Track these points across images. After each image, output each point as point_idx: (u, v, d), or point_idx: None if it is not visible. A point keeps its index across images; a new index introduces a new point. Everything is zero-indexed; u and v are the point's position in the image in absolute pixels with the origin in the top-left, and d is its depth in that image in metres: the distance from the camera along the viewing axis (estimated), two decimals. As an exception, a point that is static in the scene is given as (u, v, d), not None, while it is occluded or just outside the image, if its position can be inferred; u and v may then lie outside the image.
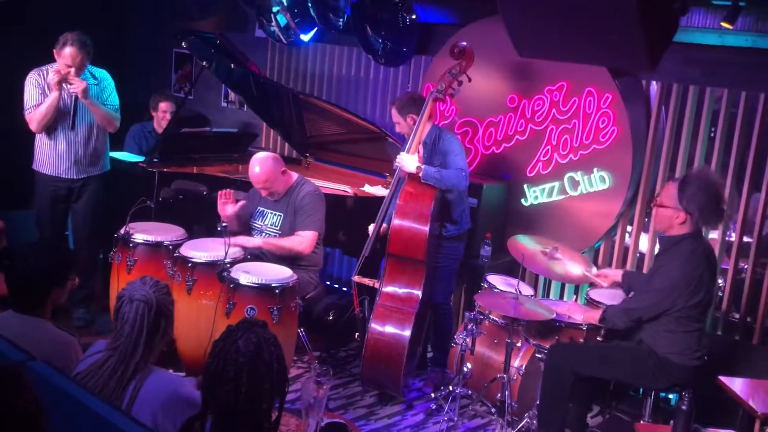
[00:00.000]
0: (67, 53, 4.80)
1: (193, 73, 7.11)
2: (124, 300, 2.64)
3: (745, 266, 4.62)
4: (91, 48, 4.90)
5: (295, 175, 4.74)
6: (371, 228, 4.62)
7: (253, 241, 4.56)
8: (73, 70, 4.81)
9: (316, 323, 5.00)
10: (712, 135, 4.70)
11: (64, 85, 4.83)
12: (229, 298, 4.03)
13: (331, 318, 5.32)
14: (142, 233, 4.46)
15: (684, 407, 3.28)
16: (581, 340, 4.16)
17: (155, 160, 5.24)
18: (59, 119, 4.93)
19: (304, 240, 4.53)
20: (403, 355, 4.29)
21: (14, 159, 5.38)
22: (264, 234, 4.65)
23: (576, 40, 2.87)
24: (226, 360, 2.11)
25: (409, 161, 4.43)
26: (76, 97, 4.89)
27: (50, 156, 4.99)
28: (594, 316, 3.99)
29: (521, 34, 3.05)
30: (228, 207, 4.52)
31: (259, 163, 4.54)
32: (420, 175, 4.39)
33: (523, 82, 5.16)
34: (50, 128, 4.93)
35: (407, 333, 4.30)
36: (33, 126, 4.92)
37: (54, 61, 4.87)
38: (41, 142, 5.02)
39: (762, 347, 4.46)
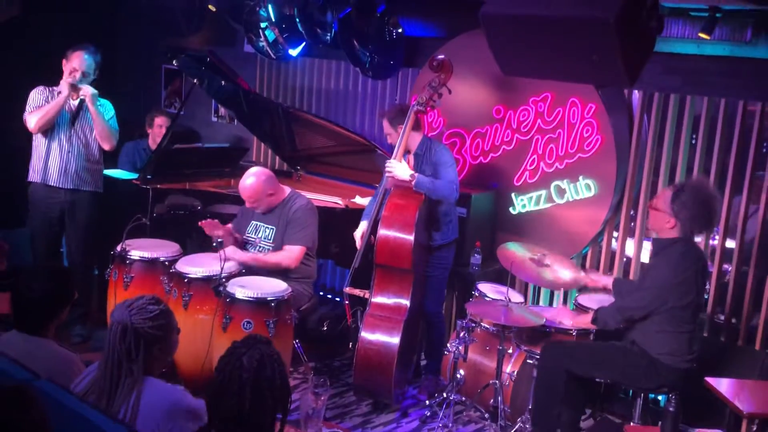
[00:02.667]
0: (76, 57, 4.91)
1: (183, 89, 7.18)
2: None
3: (729, 269, 4.73)
4: (99, 60, 5.00)
5: (288, 189, 4.81)
6: (357, 235, 4.70)
7: (243, 257, 4.57)
8: (79, 74, 4.90)
9: (311, 334, 5.08)
10: (694, 142, 4.82)
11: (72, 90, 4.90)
12: (226, 312, 4.10)
13: (325, 329, 5.40)
14: (138, 250, 4.52)
15: (671, 408, 3.39)
16: (571, 344, 4.25)
17: (149, 177, 5.30)
18: (59, 125, 4.96)
19: (290, 254, 4.58)
20: (393, 363, 4.37)
21: (7, 174, 5.43)
22: (258, 247, 4.72)
23: (557, 59, 2.98)
24: (230, 376, 2.19)
25: (401, 169, 4.49)
26: (79, 107, 4.95)
27: (43, 161, 4.98)
28: (584, 319, 4.10)
29: (505, 53, 3.16)
30: (216, 231, 4.55)
31: (250, 179, 4.61)
32: (413, 183, 4.47)
33: (509, 93, 5.26)
34: (48, 133, 4.96)
35: (396, 341, 4.38)
36: (31, 124, 4.92)
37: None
38: (37, 148, 5.03)
39: (747, 348, 4.56)
